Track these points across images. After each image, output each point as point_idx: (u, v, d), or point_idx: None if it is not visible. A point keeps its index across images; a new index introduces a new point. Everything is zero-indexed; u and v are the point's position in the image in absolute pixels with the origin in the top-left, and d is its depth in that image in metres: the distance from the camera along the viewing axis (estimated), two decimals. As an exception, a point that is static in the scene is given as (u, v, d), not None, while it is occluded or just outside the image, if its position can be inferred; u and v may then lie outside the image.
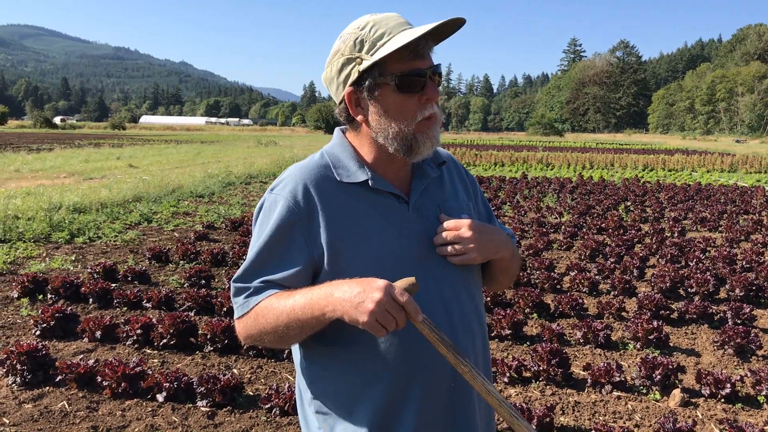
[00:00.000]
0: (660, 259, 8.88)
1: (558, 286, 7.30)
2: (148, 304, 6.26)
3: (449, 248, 1.57)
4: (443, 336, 1.39)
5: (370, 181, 1.57)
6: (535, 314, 6.35)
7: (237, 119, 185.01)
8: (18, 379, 4.44)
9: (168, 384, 4.23)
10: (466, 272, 1.65)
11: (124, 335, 5.30)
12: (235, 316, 1.59)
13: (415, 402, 1.52)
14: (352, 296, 1.35)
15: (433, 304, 1.54)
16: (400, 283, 1.37)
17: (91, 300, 6.38)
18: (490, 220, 1.84)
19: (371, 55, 1.48)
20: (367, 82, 1.51)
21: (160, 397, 4.24)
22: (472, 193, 1.80)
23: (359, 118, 1.57)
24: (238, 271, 1.58)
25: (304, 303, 1.43)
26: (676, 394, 4.47)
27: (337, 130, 1.69)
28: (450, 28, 1.53)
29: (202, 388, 4.22)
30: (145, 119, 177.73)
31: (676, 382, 4.67)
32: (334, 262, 1.52)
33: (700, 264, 8.37)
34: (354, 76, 1.52)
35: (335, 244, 1.52)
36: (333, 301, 1.39)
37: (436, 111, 1.56)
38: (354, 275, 1.48)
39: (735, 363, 5.30)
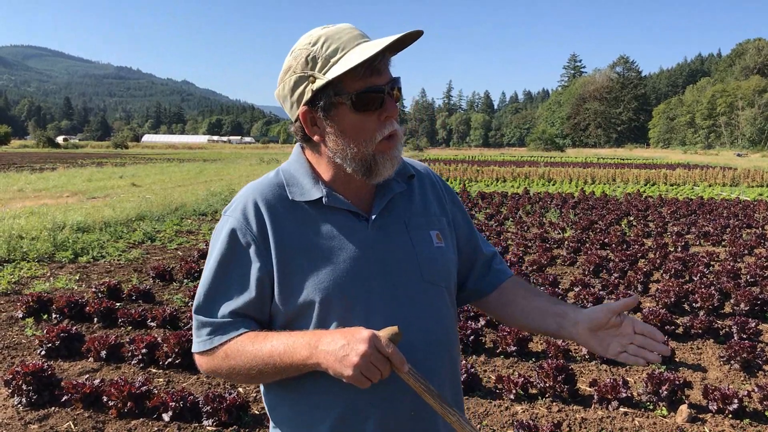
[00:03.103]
0: (664, 274, 8.87)
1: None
2: (152, 323, 6.26)
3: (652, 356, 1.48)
4: (429, 386, 1.35)
5: (324, 199, 1.49)
6: (539, 330, 6.33)
7: (239, 137, 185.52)
8: (23, 400, 4.44)
9: (174, 403, 4.23)
10: (433, 292, 1.55)
11: (130, 354, 5.30)
12: (194, 349, 1.51)
13: (371, 430, 1.46)
14: (336, 349, 1.30)
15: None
16: (384, 333, 1.32)
17: (95, 319, 6.38)
18: (470, 233, 1.74)
19: (324, 74, 1.39)
20: (321, 102, 1.41)
21: (166, 417, 4.23)
22: (449, 206, 1.70)
23: (316, 138, 1.48)
24: (196, 299, 1.51)
25: (283, 351, 1.38)
26: (683, 410, 4.45)
27: (296, 146, 1.60)
28: (408, 39, 1.42)
29: (208, 407, 4.21)
30: (148, 138, 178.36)
31: (683, 397, 4.65)
32: (285, 284, 1.45)
33: (704, 278, 8.36)
34: (308, 95, 1.42)
35: (285, 266, 1.45)
36: (317, 353, 1.33)
37: (397, 128, 1.46)
38: (304, 299, 1.44)
39: (741, 378, 5.28)
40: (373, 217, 1.51)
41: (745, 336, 6.04)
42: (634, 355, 1.46)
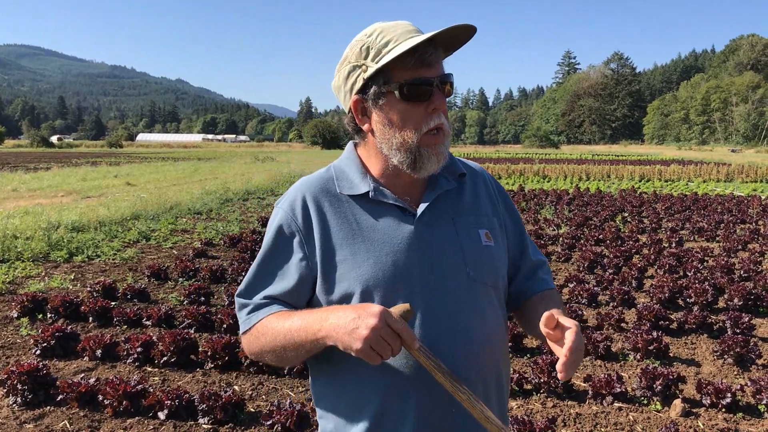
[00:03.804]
0: (658, 270, 8.90)
1: (557, 298, 7.29)
2: (148, 322, 6.26)
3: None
4: (440, 363, 1.35)
5: (371, 193, 1.52)
6: (534, 326, 6.34)
7: (234, 136, 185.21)
8: (19, 399, 4.43)
9: (169, 402, 4.23)
10: (478, 290, 1.53)
11: (125, 353, 5.30)
12: (240, 331, 1.58)
13: (412, 420, 1.47)
14: (347, 322, 1.31)
15: (433, 326, 1.46)
16: (396, 310, 1.33)
17: (90, 319, 6.38)
18: (520, 237, 1.72)
19: (376, 62, 1.44)
20: (372, 90, 1.47)
21: (161, 415, 4.23)
22: (501, 208, 1.69)
23: (365, 127, 1.53)
24: (241, 285, 1.59)
25: (300, 326, 1.41)
26: (677, 404, 4.48)
27: (349, 143, 1.65)
28: (459, 37, 1.48)
29: (204, 406, 4.21)
30: (142, 137, 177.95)
31: (677, 392, 4.67)
32: (327, 276, 1.49)
33: (699, 274, 8.39)
34: (359, 83, 1.48)
35: (329, 258, 1.49)
36: (327, 326, 1.35)
37: (444, 122, 1.48)
38: (345, 290, 1.46)
39: (735, 372, 5.31)
40: (420, 212, 1.53)
41: (738, 331, 6.06)
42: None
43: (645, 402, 4.63)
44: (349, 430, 1.52)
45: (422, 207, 1.54)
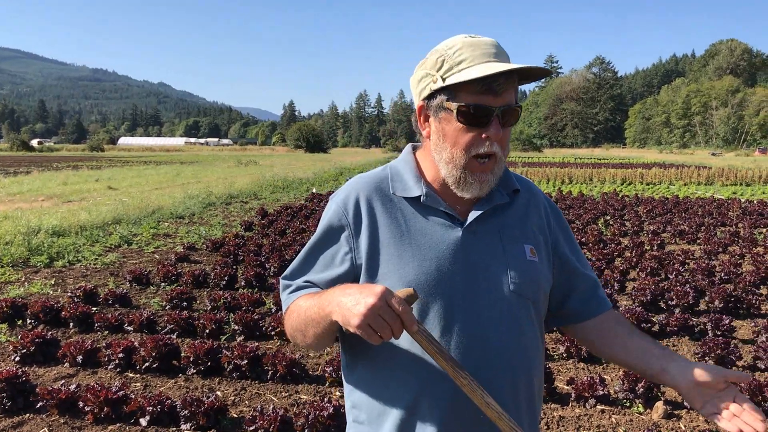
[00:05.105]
0: (640, 273, 8.96)
1: (540, 301, 7.33)
2: (129, 328, 6.21)
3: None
4: (441, 348, 1.36)
5: (422, 197, 1.55)
6: (518, 330, 6.36)
7: (216, 139, 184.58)
8: (-3, 407, 4.38)
9: (151, 408, 4.19)
10: (518, 304, 1.55)
11: (106, 359, 5.25)
12: (282, 311, 1.63)
13: (439, 415, 1.48)
14: (349, 299, 1.33)
15: (471, 333, 1.48)
16: (400, 293, 1.34)
17: (71, 324, 6.31)
18: (574, 254, 1.72)
19: (444, 79, 1.46)
20: (436, 100, 1.50)
21: (143, 422, 4.19)
22: (553, 225, 1.70)
23: (425, 132, 1.57)
24: (287, 269, 1.64)
25: (316, 302, 1.45)
26: (659, 406, 4.51)
27: (408, 145, 1.69)
28: (534, 72, 1.51)
29: (186, 412, 4.18)
30: (124, 141, 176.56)
31: (659, 394, 4.71)
32: (371, 273, 1.53)
33: (680, 276, 8.46)
34: (426, 92, 1.52)
35: (374, 255, 1.53)
36: (333, 302, 1.37)
37: (497, 151, 1.48)
38: (388, 287, 1.46)
39: (716, 374, 5.35)
40: (468, 222, 1.55)
41: (719, 333, 6.12)
42: (727, 419, 1.42)
43: (627, 404, 4.66)
44: (382, 421, 1.54)
45: (472, 217, 1.56)
